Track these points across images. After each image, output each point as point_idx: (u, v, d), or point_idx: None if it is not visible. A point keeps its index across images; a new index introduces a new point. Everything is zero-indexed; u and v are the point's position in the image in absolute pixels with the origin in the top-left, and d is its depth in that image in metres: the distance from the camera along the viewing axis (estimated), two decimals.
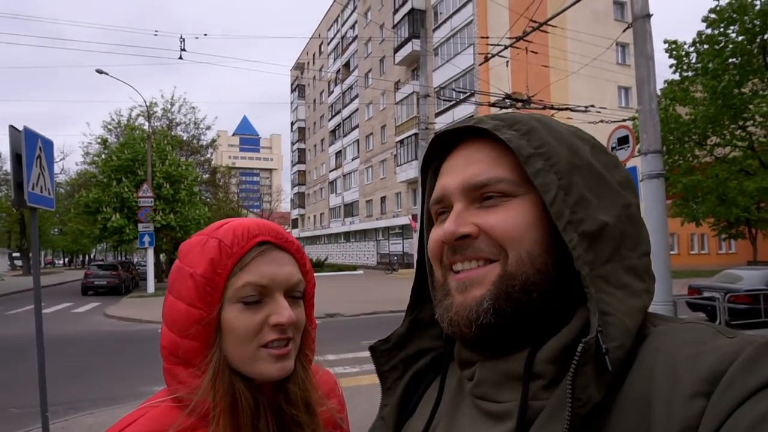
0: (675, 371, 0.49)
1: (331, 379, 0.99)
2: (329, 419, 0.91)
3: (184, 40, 18.49)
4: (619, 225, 0.58)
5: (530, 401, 0.55)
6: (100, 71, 21.54)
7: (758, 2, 10.90)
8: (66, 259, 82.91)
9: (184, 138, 34.11)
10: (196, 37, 20.71)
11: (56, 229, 54.80)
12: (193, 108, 34.46)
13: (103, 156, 25.58)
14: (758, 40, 11.09)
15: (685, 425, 0.45)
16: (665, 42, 11.85)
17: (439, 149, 0.69)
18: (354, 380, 7.50)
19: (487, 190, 0.59)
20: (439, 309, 0.62)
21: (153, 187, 22.38)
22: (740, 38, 11.01)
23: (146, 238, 21.30)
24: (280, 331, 0.79)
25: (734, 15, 10.93)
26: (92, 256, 75.34)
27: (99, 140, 27.32)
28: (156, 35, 19.95)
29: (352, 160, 48.72)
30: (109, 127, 30.66)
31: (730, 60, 11.18)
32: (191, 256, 0.81)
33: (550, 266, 0.57)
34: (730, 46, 11.10)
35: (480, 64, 14.42)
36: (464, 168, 0.62)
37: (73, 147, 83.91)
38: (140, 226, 21.38)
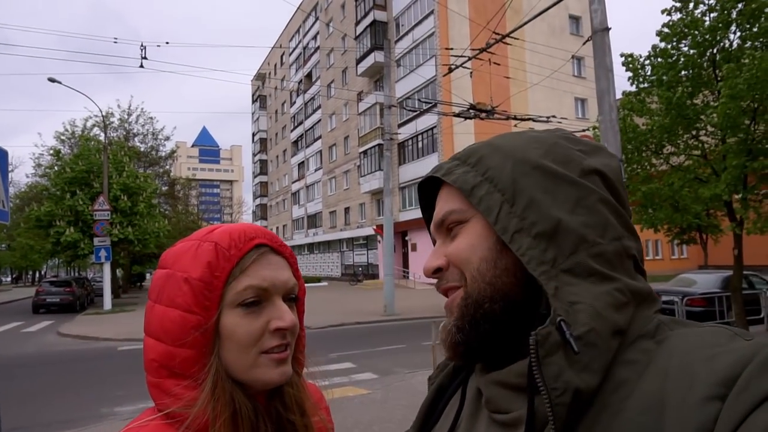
0: (690, 373, 0.49)
1: (317, 390, 0.97)
2: (321, 429, 0.90)
3: (145, 48, 17.99)
4: (578, 217, 0.59)
5: (539, 408, 0.55)
6: (52, 80, 20.77)
7: (707, 19, 11.43)
8: (13, 276, 79.12)
9: (142, 149, 33.25)
10: (158, 45, 20.33)
11: (3, 245, 52.23)
12: (151, 118, 33.80)
13: (56, 168, 24.61)
14: (708, 54, 11.61)
15: (699, 428, 0.46)
16: (621, 55, 12.27)
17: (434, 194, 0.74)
18: (326, 394, 7.37)
19: (447, 223, 0.66)
20: None
21: (110, 200, 21.63)
22: (692, 52, 11.52)
23: (102, 253, 20.51)
24: (281, 337, 0.77)
25: (686, 30, 11.44)
26: (43, 272, 72.13)
27: (51, 151, 26.29)
28: (115, 43, 19.29)
29: (315, 171, 48.45)
30: (62, 137, 29.61)
31: (683, 72, 11.68)
32: (183, 261, 0.77)
33: (500, 276, 0.60)
34: (683, 59, 11.60)
35: (444, 75, 14.57)
36: (436, 210, 0.69)
37: (23, 158, 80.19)
38: (96, 240, 20.57)
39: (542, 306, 0.58)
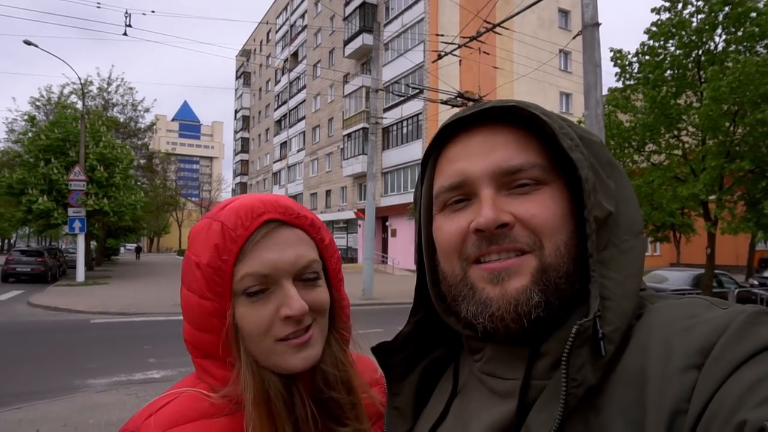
0: (668, 346, 0.49)
1: (372, 366, 0.92)
2: (371, 407, 0.85)
3: (129, 15, 17.42)
4: (620, 211, 0.58)
5: (534, 381, 0.55)
6: (28, 42, 20.04)
7: (695, 20, 11.57)
8: None
9: (121, 120, 32.42)
10: (143, 14, 19.49)
11: None
12: (131, 89, 32.78)
13: (30, 134, 23.84)
14: (693, 55, 11.77)
15: (678, 398, 0.46)
16: (611, 50, 12.38)
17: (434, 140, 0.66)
18: None
19: (521, 176, 0.57)
20: (468, 305, 0.59)
21: (85, 170, 21.12)
22: (678, 52, 11.68)
23: (77, 224, 20.06)
24: (295, 323, 0.72)
25: (673, 29, 11.57)
26: (13, 241, 70.41)
27: (26, 117, 25.47)
28: (98, 8, 18.67)
29: (298, 151, 48.00)
30: (37, 103, 28.62)
31: (668, 72, 11.85)
32: (197, 243, 0.75)
33: (579, 255, 0.56)
34: (669, 58, 11.75)
35: (433, 62, 14.49)
36: (488, 152, 0.58)
37: None
38: (70, 211, 20.09)
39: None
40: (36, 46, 20.19)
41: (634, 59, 12.22)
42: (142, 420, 0.71)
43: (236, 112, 67.08)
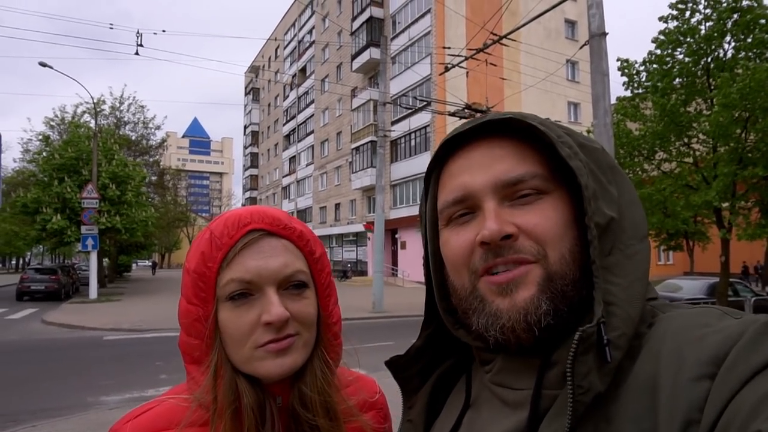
0: (680, 355, 0.49)
1: (370, 388, 0.91)
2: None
3: (141, 35, 17.74)
4: (624, 215, 0.59)
5: (546, 390, 0.55)
6: (43, 64, 20.45)
7: (703, 27, 11.54)
8: None
9: (133, 138, 32.85)
10: (155, 33, 19.81)
11: None
12: (143, 107, 33.25)
13: (44, 154, 24.22)
14: (702, 62, 11.73)
15: (690, 408, 0.45)
16: (618, 60, 12.39)
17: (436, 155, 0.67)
18: None
19: (522, 186, 0.58)
20: (479, 318, 0.59)
21: (98, 188, 21.37)
22: (686, 60, 11.65)
23: (90, 241, 20.25)
24: (276, 330, 0.73)
25: (681, 37, 11.55)
26: (27, 259, 71.20)
27: (40, 137, 25.89)
28: (111, 29, 19.11)
29: (307, 165, 48.25)
30: (51, 123, 29.14)
31: (677, 80, 11.82)
32: (191, 250, 0.78)
33: (585, 261, 0.56)
34: (677, 66, 11.72)
35: (440, 74, 14.56)
36: (489, 165, 0.59)
37: (11, 143, 77.99)
38: (83, 229, 20.30)
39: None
40: (51, 67, 20.58)
41: (642, 68, 12.21)
42: (123, 423, 0.75)
43: (245, 127, 67.71)
